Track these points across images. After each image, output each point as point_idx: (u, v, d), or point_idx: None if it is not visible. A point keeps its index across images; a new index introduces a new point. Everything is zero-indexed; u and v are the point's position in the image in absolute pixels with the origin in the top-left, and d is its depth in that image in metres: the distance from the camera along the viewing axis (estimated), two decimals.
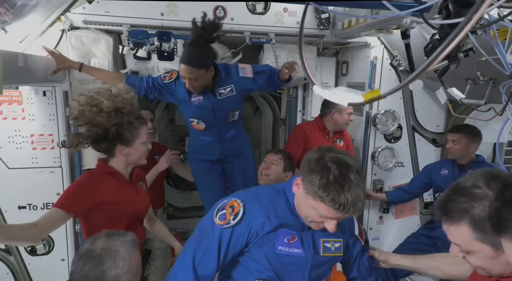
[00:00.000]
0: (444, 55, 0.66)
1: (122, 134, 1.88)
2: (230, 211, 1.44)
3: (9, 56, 1.91)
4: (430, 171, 3.31)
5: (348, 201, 1.23)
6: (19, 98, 2.71)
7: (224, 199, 1.52)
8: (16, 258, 2.90)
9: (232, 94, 2.64)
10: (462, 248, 1.09)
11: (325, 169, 1.27)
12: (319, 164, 1.28)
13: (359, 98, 0.85)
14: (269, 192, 1.53)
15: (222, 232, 1.42)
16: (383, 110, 3.40)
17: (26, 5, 2.06)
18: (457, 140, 3.02)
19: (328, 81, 3.82)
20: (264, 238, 1.45)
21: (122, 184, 1.96)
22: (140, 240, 2.08)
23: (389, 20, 2.26)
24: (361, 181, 1.27)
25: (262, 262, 1.47)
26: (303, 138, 3.21)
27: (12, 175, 2.77)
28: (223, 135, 2.80)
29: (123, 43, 2.89)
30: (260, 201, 1.48)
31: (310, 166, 1.30)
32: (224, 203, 1.48)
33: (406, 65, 2.96)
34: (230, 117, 2.75)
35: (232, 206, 1.46)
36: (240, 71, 2.63)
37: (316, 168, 1.28)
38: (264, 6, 2.93)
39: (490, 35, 1.32)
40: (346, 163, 1.28)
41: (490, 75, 2.31)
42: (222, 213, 1.44)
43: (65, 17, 2.64)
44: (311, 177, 1.28)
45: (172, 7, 2.76)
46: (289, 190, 1.49)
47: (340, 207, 1.24)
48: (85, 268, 1.31)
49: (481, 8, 0.61)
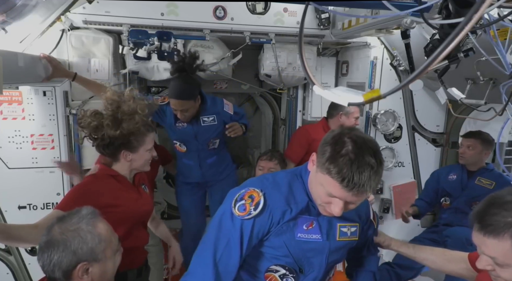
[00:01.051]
0: (444, 55, 0.66)
1: (129, 140, 1.87)
2: (249, 201, 1.38)
3: (9, 56, 1.91)
4: (438, 176, 3.31)
5: (354, 178, 1.16)
6: (19, 98, 2.71)
7: (239, 189, 1.46)
8: (16, 258, 2.90)
9: (214, 123, 2.86)
10: (497, 261, 1.09)
11: (339, 142, 1.22)
12: (335, 137, 1.24)
13: (359, 98, 0.85)
14: (286, 177, 1.48)
15: (244, 224, 1.36)
16: (383, 110, 3.40)
17: (26, 5, 2.06)
18: (472, 146, 3.01)
19: (328, 81, 3.82)
20: (284, 226, 1.41)
21: (125, 187, 1.95)
22: (144, 243, 2.08)
23: (389, 20, 2.25)
24: (376, 164, 1.19)
25: (281, 249, 1.44)
26: (307, 141, 3.17)
27: (12, 175, 2.77)
28: (203, 160, 2.99)
29: (123, 43, 2.89)
30: (279, 188, 1.44)
31: (326, 139, 1.27)
32: (242, 193, 1.41)
33: (406, 65, 2.96)
34: (210, 144, 2.94)
35: (251, 196, 1.40)
36: (225, 106, 2.90)
37: (330, 140, 1.24)
38: (264, 6, 2.93)
39: (490, 35, 1.32)
40: (364, 142, 1.21)
41: (490, 75, 2.32)
42: (241, 204, 1.38)
43: (65, 17, 2.65)
44: (324, 149, 1.24)
45: (172, 7, 2.76)
46: (305, 171, 1.45)
47: (344, 181, 1.17)
48: (54, 257, 1.25)
49: (481, 8, 0.61)
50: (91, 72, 2.83)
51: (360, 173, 1.17)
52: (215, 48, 3.14)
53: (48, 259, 1.25)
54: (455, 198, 3.15)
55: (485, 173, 3.04)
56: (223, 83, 3.79)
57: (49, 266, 1.25)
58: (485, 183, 3.02)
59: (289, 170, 1.56)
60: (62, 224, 1.30)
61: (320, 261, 1.51)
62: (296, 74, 3.41)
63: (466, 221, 2.99)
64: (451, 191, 3.18)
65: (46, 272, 1.29)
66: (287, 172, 1.53)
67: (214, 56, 3.13)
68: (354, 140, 1.21)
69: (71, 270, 1.25)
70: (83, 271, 1.28)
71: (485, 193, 2.81)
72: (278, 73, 3.34)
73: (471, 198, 3.01)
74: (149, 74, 3.13)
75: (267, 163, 2.65)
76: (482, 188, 3.00)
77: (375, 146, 1.24)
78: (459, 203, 3.13)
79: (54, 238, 1.27)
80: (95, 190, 1.83)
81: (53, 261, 1.25)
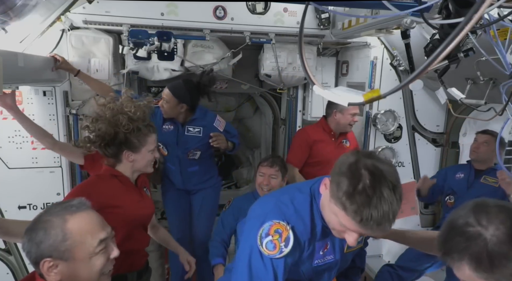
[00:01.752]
0: (444, 55, 0.66)
1: (129, 139, 1.87)
2: (277, 237, 1.27)
3: (9, 56, 1.91)
4: (445, 174, 3.28)
5: (372, 217, 1.09)
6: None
7: (260, 219, 1.33)
8: (16, 258, 2.90)
9: (198, 135, 2.86)
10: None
11: (356, 175, 1.11)
12: (351, 168, 1.14)
13: (359, 98, 0.85)
14: (306, 201, 1.37)
15: (276, 264, 1.27)
16: (383, 110, 3.40)
17: (26, 5, 2.06)
18: (488, 141, 2.97)
19: (328, 81, 3.82)
20: (305, 256, 1.37)
21: (127, 188, 1.95)
22: (145, 246, 2.08)
23: (389, 20, 2.25)
24: (394, 199, 1.12)
25: (296, 275, 1.40)
26: (307, 144, 3.14)
27: (12, 175, 2.77)
28: (184, 168, 2.96)
29: (123, 43, 2.89)
30: (302, 218, 1.34)
31: (341, 168, 1.16)
32: (266, 228, 1.29)
33: (406, 65, 2.96)
34: (190, 154, 2.92)
35: (277, 230, 1.28)
36: (216, 121, 2.91)
37: (347, 171, 1.14)
38: (264, 6, 2.93)
39: (490, 35, 1.31)
40: (383, 174, 1.12)
41: (490, 75, 2.32)
42: (269, 240, 1.27)
43: (65, 17, 2.65)
44: (339, 180, 1.14)
45: (172, 7, 2.76)
46: (318, 193, 1.36)
47: (362, 221, 1.10)
48: (25, 246, 1.18)
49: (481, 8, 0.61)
50: (91, 72, 2.83)
51: (379, 211, 1.09)
52: (215, 48, 3.14)
53: (26, 245, 1.18)
54: (460, 197, 3.12)
55: (491, 173, 3.01)
56: (223, 83, 3.79)
57: (26, 252, 1.18)
58: (490, 181, 2.99)
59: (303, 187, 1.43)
60: (43, 214, 1.22)
61: (329, 275, 1.52)
62: (296, 74, 3.41)
63: None
64: (457, 189, 3.15)
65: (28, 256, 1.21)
66: (303, 192, 1.40)
67: (214, 56, 3.13)
68: (371, 171, 1.11)
69: (38, 263, 1.17)
70: (48, 267, 1.17)
71: (489, 191, 2.83)
72: (278, 73, 3.34)
73: (475, 197, 2.96)
74: (149, 74, 3.13)
75: (268, 170, 2.59)
76: (487, 186, 2.97)
77: (395, 178, 1.15)
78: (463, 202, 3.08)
79: (31, 226, 1.19)
80: (97, 190, 1.83)
81: (26, 248, 1.18)
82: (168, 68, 3.09)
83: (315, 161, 3.14)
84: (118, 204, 1.84)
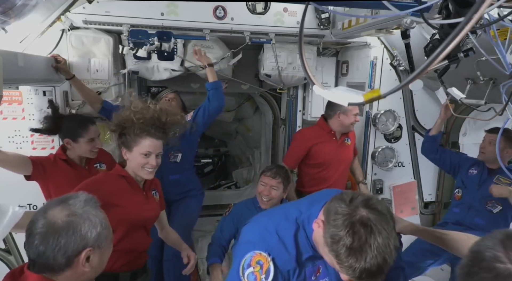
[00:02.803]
0: (444, 55, 0.66)
1: (125, 136, 1.93)
2: (258, 268, 1.30)
3: (9, 56, 1.91)
4: (460, 162, 3.21)
5: (366, 271, 1.11)
6: (19, 98, 2.71)
7: (244, 251, 1.36)
8: (16, 258, 2.90)
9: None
10: None
11: (350, 231, 1.13)
12: (346, 220, 1.15)
13: (359, 98, 0.85)
14: (290, 229, 1.38)
15: None
16: (383, 110, 3.40)
17: (26, 5, 2.06)
18: (495, 141, 2.88)
19: (328, 81, 3.82)
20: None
21: (133, 189, 1.99)
22: (144, 248, 2.09)
23: (389, 20, 2.26)
24: (388, 248, 1.12)
25: None
26: (304, 147, 3.11)
27: (12, 175, 2.76)
28: (165, 174, 2.86)
29: (123, 43, 2.89)
30: (286, 247, 1.35)
31: (336, 217, 1.17)
32: (248, 259, 1.32)
33: (406, 65, 2.96)
34: (171, 156, 2.91)
35: (259, 261, 1.31)
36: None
37: (341, 224, 1.15)
38: (264, 6, 2.93)
39: (490, 35, 1.31)
40: (377, 227, 1.13)
41: (490, 75, 2.32)
42: (250, 272, 1.30)
43: (65, 17, 2.65)
44: (333, 232, 1.16)
45: (172, 7, 2.76)
46: (308, 225, 1.36)
47: (355, 276, 1.13)
48: (61, 241, 1.16)
49: (481, 8, 0.61)
50: (91, 72, 2.83)
51: (372, 265, 1.10)
52: (215, 48, 3.14)
53: (54, 243, 1.16)
54: (469, 192, 3.07)
55: (504, 173, 2.89)
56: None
57: (53, 251, 1.16)
58: (504, 182, 2.93)
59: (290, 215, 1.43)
60: (63, 207, 1.23)
61: None
62: (296, 74, 3.41)
63: (477, 220, 2.95)
64: (468, 184, 3.10)
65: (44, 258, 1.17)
66: (289, 220, 1.41)
67: (214, 56, 3.13)
68: (365, 224, 1.13)
69: (75, 256, 1.19)
70: (86, 257, 1.21)
71: None
72: (278, 73, 3.34)
73: (486, 196, 2.90)
74: (149, 74, 3.13)
75: (270, 180, 2.55)
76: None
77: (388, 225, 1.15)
78: (473, 200, 3.03)
79: (60, 221, 1.19)
80: (101, 187, 1.87)
81: (60, 244, 1.16)
82: (168, 68, 3.09)
83: (316, 163, 3.12)
84: (119, 204, 1.86)
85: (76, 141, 2.42)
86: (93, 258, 1.24)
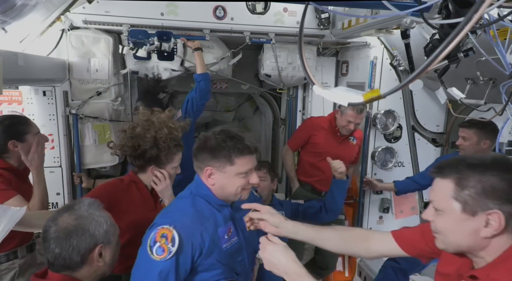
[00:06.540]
0: (444, 55, 0.66)
1: (159, 157, 1.96)
2: (164, 241, 1.35)
3: (9, 56, 1.91)
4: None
5: (248, 144, 1.46)
6: (19, 98, 2.71)
7: (148, 231, 1.42)
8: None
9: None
10: (435, 206, 1.13)
11: (217, 142, 1.45)
12: (210, 143, 1.46)
13: (359, 98, 0.85)
14: (186, 199, 1.52)
15: (165, 266, 1.34)
16: (383, 110, 3.40)
17: (26, 5, 2.06)
18: (467, 137, 2.78)
19: (328, 81, 3.82)
20: (210, 245, 1.43)
21: (143, 196, 2.02)
22: None
23: (389, 20, 2.26)
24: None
25: (216, 266, 1.46)
26: (308, 131, 3.26)
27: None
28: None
29: (123, 43, 2.89)
30: (186, 214, 1.45)
31: (212, 151, 1.46)
32: (153, 236, 1.37)
33: (406, 65, 2.96)
34: None
35: (163, 234, 1.36)
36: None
37: (213, 148, 1.45)
38: (264, 6, 2.93)
39: (490, 35, 1.31)
40: (225, 130, 1.49)
41: (490, 75, 2.31)
42: (158, 247, 1.35)
43: (65, 17, 2.65)
44: (215, 154, 1.44)
45: (172, 7, 2.76)
46: (200, 188, 1.52)
47: (247, 149, 1.44)
48: (73, 242, 1.30)
49: (481, 8, 0.61)
50: (91, 72, 2.83)
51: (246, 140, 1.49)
52: (215, 48, 3.15)
53: (67, 244, 1.29)
54: None
55: None
56: (223, 83, 3.79)
57: (67, 252, 1.30)
58: None
59: (182, 194, 1.61)
60: (70, 213, 1.35)
61: (243, 257, 1.58)
62: (296, 74, 3.41)
63: None
64: None
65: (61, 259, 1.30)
66: (183, 197, 1.58)
67: (214, 56, 3.13)
68: (217, 133, 1.49)
69: (88, 253, 1.32)
70: (99, 253, 1.35)
71: None
72: (278, 73, 3.34)
73: None
74: (149, 74, 3.12)
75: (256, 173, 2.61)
76: None
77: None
78: None
79: (70, 225, 1.32)
80: (111, 192, 1.91)
81: (72, 245, 1.30)
82: (168, 68, 3.09)
83: (316, 151, 3.20)
84: (126, 209, 1.89)
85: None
86: (105, 253, 1.38)
